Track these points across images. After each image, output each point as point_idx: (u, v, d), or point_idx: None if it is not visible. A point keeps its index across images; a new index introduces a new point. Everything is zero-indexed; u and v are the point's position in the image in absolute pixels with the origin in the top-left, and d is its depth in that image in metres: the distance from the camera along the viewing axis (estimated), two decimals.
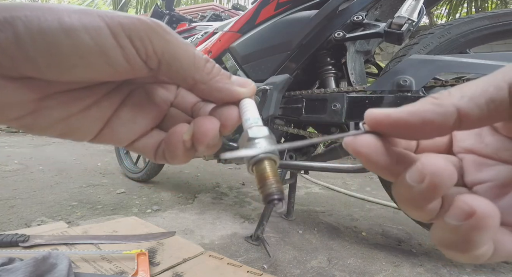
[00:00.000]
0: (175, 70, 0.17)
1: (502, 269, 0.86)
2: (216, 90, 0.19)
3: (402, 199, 0.15)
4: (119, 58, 0.15)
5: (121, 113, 0.19)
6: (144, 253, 0.65)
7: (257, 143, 0.17)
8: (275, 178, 0.16)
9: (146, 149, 0.20)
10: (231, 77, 0.19)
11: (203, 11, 2.08)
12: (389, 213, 1.36)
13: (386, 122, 0.14)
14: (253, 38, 1.01)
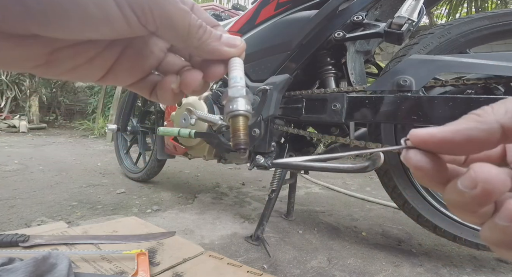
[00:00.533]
0: (170, 35, 0.19)
1: (502, 269, 0.86)
2: (207, 52, 0.21)
3: (454, 204, 0.15)
4: (123, 24, 0.17)
5: (121, 60, 0.22)
6: (144, 253, 0.65)
7: (235, 101, 0.20)
8: (245, 131, 0.20)
9: (143, 90, 0.24)
10: (222, 37, 0.22)
11: None
12: (389, 213, 1.36)
13: (431, 142, 0.15)
14: (253, 38, 1.01)
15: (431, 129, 0.15)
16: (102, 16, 0.16)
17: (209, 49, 0.21)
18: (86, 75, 0.21)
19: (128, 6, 0.17)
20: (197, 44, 0.20)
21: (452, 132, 0.14)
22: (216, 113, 1.07)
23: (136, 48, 0.22)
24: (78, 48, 0.19)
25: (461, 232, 0.84)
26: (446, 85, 0.74)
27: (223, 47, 0.21)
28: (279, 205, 1.38)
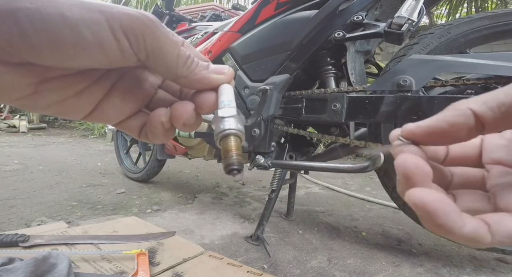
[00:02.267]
0: (159, 64, 0.19)
1: (502, 269, 0.86)
2: (195, 81, 0.21)
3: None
4: (115, 50, 0.17)
5: (110, 96, 0.21)
6: (144, 253, 0.65)
7: (225, 121, 0.20)
8: (237, 151, 0.19)
9: (132, 128, 0.23)
10: (209, 66, 0.22)
11: (203, 11, 2.08)
12: (389, 213, 1.36)
13: (419, 131, 0.17)
14: (253, 38, 1.01)
15: (417, 122, 0.17)
16: (95, 40, 0.16)
17: (198, 77, 0.21)
18: (72, 110, 0.20)
19: (121, 30, 0.17)
20: (186, 73, 0.20)
21: (435, 120, 0.16)
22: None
23: (126, 83, 0.22)
24: (68, 79, 0.19)
25: None
26: (446, 85, 0.74)
27: (212, 74, 0.21)
28: (279, 205, 1.38)
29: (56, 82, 0.19)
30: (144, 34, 0.17)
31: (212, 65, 0.22)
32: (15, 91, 0.18)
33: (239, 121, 0.20)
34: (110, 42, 0.17)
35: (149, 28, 0.18)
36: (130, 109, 0.22)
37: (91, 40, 0.16)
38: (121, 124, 0.23)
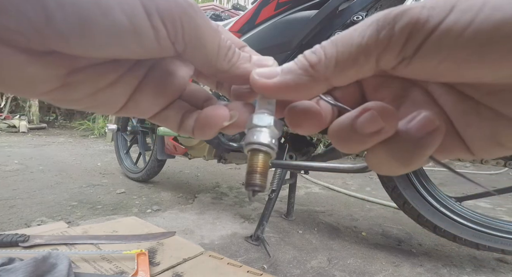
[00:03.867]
0: (198, 56, 0.17)
1: (502, 269, 0.87)
2: (237, 77, 0.19)
3: None
4: (151, 39, 0.15)
5: (144, 86, 0.20)
6: (144, 253, 0.65)
7: (258, 131, 0.17)
8: (262, 171, 0.17)
9: (171, 120, 0.21)
10: (252, 59, 0.19)
11: (203, 11, 2.08)
12: (389, 213, 1.36)
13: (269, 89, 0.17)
14: (253, 38, 1.01)
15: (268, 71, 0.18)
16: (131, 27, 0.14)
17: (240, 72, 0.19)
18: (105, 103, 0.19)
19: (158, 15, 0.15)
20: (227, 67, 0.18)
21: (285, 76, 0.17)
22: None
23: (158, 72, 0.20)
24: (99, 69, 0.17)
25: (461, 232, 0.84)
26: None
27: (256, 69, 0.19)
28: (279, 205, 1.38)
29: (87, 73, 0.17)
30: (182, 21, 0.15)
31: (254, 56, 0.20)
32: (42, 84, 0.16)
33: (273, 134, 0.18)
34: (147, 29, 0.15)
35: (189, 14, 0.16)
36: (165, 99, 0.20)
37: (126, 26, 0.14)
38: (157, 117, 0.21)
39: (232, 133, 0.21)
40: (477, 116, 0.15)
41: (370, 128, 0.15)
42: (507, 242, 0.81)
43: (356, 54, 0.14)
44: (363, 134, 0.15)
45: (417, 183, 0.89)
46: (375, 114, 0.15)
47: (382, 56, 0.14)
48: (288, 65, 0.17)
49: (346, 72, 0.15)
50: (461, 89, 0.15)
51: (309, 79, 0.16)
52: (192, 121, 0.20)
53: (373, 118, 0.15)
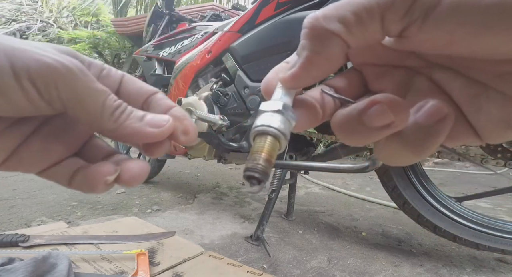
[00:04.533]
0: (80, 115, 0.17)
1: (502, 269, 0.87)
2: (126, 136, 0.18)
3: None
4: (21, 99, 0.15)
5: (31, 141, 0.18)
6: (144, 253, 0.65)
7: (265, 115, 0.15)
8: (267, 156, 0.14)
9: (59, 177, 0.19)
10: (145, 117, 0.18)
11: (203, 11, 2.08)
12: (389, 213, 1.36)
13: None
14: (253, 38, 1.01)
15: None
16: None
17: (129, 132, 0.18)
18: None
19: (28, 77, 0.15)
20: (114, 127, 0.17)
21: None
22: (216, 113, 1.07)
23: (52, 126, 0.19)
24: None
25: (461, 232, 0.84)
26: None
27: (147, 128, 0.18)
28: (279, 205, 1.38)
29: None
30: (57, 82, 0.15)
31: (149, 115, 0.18)
32: None
33: (285, 120, 0.15)
34: (15, 90, 0.15)
35: (64, 77, 0.15)
36: (56, 156, 0.19)
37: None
38: (45, 173, 0.19)
39: (130, 186, 0.19)
40: (486, 101, 0.15)
41: (380, 121, 0.14)
42: (507, 242, 0.81)
43: (358, 11, 0.14)
44: (372, 128, 0.15)
45: (417, 183, 0.89)
46: (385, 107, 0.14)
47: (386, 16, 0.13)
48: (299, 46, 0.16)
49: (351, 29, 0.14)
50: (469, 74, 0.15)
51: (320, 42, 0.15)
52: (81, 178, 0.18)
53: (382, 112, 0.14)
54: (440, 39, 0.13)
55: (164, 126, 0.18)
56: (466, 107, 0.15)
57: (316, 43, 0.15)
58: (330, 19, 0.14)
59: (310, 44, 0.15)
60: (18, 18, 4.55)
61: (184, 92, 1.22)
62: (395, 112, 0.14)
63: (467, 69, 0.15)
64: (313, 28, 0.15)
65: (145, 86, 0.21)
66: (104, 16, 4.55)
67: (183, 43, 1.35)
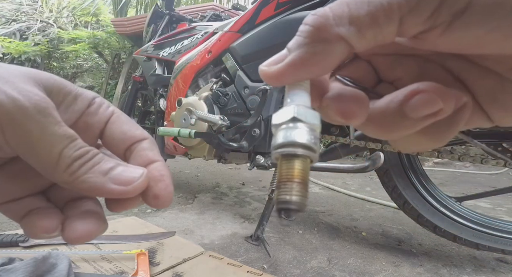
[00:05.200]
0: (32, 163, 0.15)
1: (502, 269, 0.86)
2: (84, 190, 0.16)
3: None
4: None
5: None
6: (144, 253, 0.65)
7: (289, 129, 0.13)
8: (301, 183, 0.12)
9: (12, 215, 0.17)
10: (111, 171, 0.16)
11: (203, 11, 2.08)
12: (389, 213, 1.36)
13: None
14: (253, 38, 1.01)
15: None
16: None
17: (86, 186, 0.15)
18: None
19: None
20: (69, 180, 0.15)
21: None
22: (216, 113, 1.07)
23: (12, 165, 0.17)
24: None
25: (461, 232, 0.84)
26: None
27: (109, 185, 0.16)
28: None
29: None
30: (3, 125, 0.13)
31: (119, 169, 0.16)
32: None
33: (311, 129, 0.13)
34: None
35: (12, 117, 0.13)
36: (10, 195, 0.17)
37: None
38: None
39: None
40: (502, 92, 0.14)
41: (427, 110, 0.13)
42: (507, 242, 0.81)
43: (375, 12, 0.12)
44: (416, 118, 0.14)
45: (417, 183, 0.89)
46: (432, 95, 0.13)
47: (407, 18, 0.12)
48: (292, 42, 0.14)
49: (364, 33, 0.13)
50: (484, 64, 0.14)
51: (323, 45, 0.13)
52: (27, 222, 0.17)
53: (429, 100, 0.13)
54: (465, 42, 0.12)
55: (132, 184, 0.16)
56: (481, 96, 0.15)
57: (318, 44, 0.13)
58: (341, 20, 0.13)
59: (310, 44, 0.14)
60: (18, 18, 4.54)
61: (184, 92, 1.22)
62: (443, 99, 0.13)
63: (482, 60, 0.14)
64: (320, 28, 0.13)
65: (132, 131, 0.19)
66: (104, 16, 4.55)
67: (183, 43, 1.35)
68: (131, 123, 0.19)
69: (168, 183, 0.18)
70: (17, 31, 4.40)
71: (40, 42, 4.19)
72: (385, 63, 0.17)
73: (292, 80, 0.15)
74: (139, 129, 0.19)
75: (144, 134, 0.19)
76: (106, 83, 4.19)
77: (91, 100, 0.18)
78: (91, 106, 0.18)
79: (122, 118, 0.19)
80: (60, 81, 0.17)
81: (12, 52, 3.97)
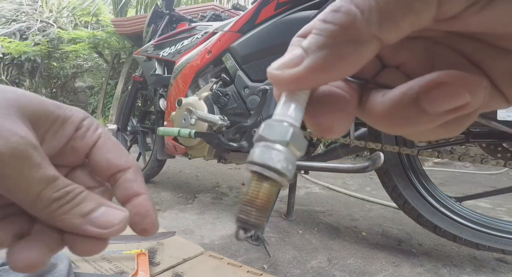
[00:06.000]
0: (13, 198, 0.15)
1: (502, 269, 0.86)
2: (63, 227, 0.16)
3: None
4: None
5: None
6: (144, 253, 0.65)
7: (267, 149, 0.12)
8: (263, 204, 0.13)
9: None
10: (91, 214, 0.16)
11: (203, 11, 2.08)
12: (389, 213, 1.36)
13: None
14: (253, 38, 1.01)
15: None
16: None
17: (62, 225, 0.15)
18: None
19: None
20: (45, 218, 0.15)
21: None
22: (216, 113, 1.07)
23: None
24: None
25: (461, 232, 0.84)
26: None
27: (87, 227, 0.16)
28: (279, 205, 1.38)
29: None
30: None
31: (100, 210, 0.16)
32: None
33: (290, 154, 0.12)
34: None
35: None
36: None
37: None
38: None
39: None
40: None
41: (449, 104, 0.12)
42: (507, 242, 0.81)
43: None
44: (435, 113, 0.12)
45: (417, 183, 0.89)
46: (457, 87, 0.11)
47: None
48: (311, 42, 0.12)
49: (399, 24, 0.11)
50: (502, 44, 0.13)
51: (353, 46, 0.12)
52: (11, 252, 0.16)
53: (455, 92, 0.11)
54: (504, 20, 0.11)
55: (110, 228, 0.16)
56: (498, 78, 0.13)
57: (345, 45, 0.12)
58: (371, 15, 0.11)
59: (335, 45, 0.12)
60: (18, 18, 4.54)
61: (184, 92, 1.22)
62: (470, 91, 0.11)
63: (500, 40, 0.12)
64: (347, 27, 0.11)
65: (116, 159, 0.18)
66: (104, 16, 4.55)
67: (183, 43, 1.35)
68: (117, 149, 0.19)
69: (154, 217, 0.18)
70: (17, 31, 4.40)
71: (40, 42, 4.19)
72: (388, 46, 0.15)
73: (311, 86, 0.13)
74: (124, 157, 0.18)
75: (129, 162, 0.18)
76: (106, 83, 4.19)
77: (79, 124, 0.18)
78: (78, 130, 0.18)
79: (108, 144, 0.18)
80: (48, 106, 0.16)
81: (12, 52, 3.97)
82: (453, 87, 0.12)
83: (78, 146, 0.18)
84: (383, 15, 0.11)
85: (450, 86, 0.12)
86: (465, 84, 0.11)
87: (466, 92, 0.11)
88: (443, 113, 0.12)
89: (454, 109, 0.12)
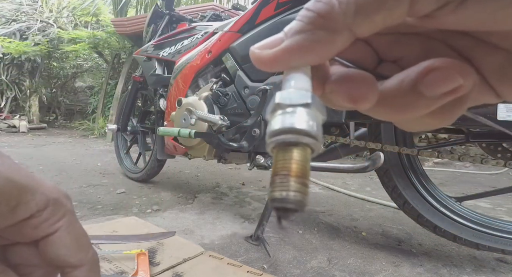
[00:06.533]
0: None
1: (502, 269, 0.86)
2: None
3: None
4: None
5: None
6: (144, 253, 0.65)
7: (288, 113, 0.11)
8: (300, 176, 0.10)
9: None
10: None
11: (203, 11, 2.08)
12: (389, 213, 1.36)
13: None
14: (253, 38, 1.01)
15: None
16: None
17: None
18: None
19: None
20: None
21: None
22: (216, 113, 1.07)
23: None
24: None
25: (461, 232, 0.84)
26: None
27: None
28: None
29: None
30: None
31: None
32: None
33: (314, 117, 0.11)
34: None
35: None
36: None
37: None
38: None
39: None
40: (510, 66, 0.13)
41: (445, 87, 0.12)
42: (507, 242, 0.81)
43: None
44: (433, 96, 0.13)
45: (417, 183, 0.89)
46: (450, 71, 0.12)
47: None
48: (292, 26, 0.13)
49: (372, 18, 0.12)
50: (492, 40, 0.13)
51: (327, 33, 0.12)
52: None
53: (449, 75, 0.12)
54: (478, 19, 0.12)
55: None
56: (488, 73, 0.14)
57: (320, 32, 0.12)
58: (348, 7, 0.12)
59: (312, 30, 0.13)
60: (18, 18, 4.54)
61: (184, 92, 1.22)
62: (462, 74, 0.12)
63: (489, 36, 0.13)
64: (324, 15, 0.12)
65: (70, 255, 0.17)
66: (104, 16, 4.55)
67: (183, 43, 1.35)
68: (74, 245, 0.17)
69: None
70: (17, 31, 4.40)
71: (40, 42, 4.18)
72: (384, 42, 0.16)
73: (286, 67, 0.14)
74: (80, 254, 0.17)
75: (83, 260, 0.17)
76: (106, 83, 4.19)
77: (37, 212, 0.16)
78: (33, 219, 0.16)
79: (65, 239, 0.17)
80: (11, 182, 0.16)
81: (12, 52, 3.97)
82: (447, 71, 0.12)
83: (27, 233, 0.17)
84: (358, 8, 0.12)
85: (445, 70, 0.12)
86: (457, 69, 0.12)
87: (459, 75, 0.12)
88: (440, 96, 0.13)
89: (449, 91, 0.12)
